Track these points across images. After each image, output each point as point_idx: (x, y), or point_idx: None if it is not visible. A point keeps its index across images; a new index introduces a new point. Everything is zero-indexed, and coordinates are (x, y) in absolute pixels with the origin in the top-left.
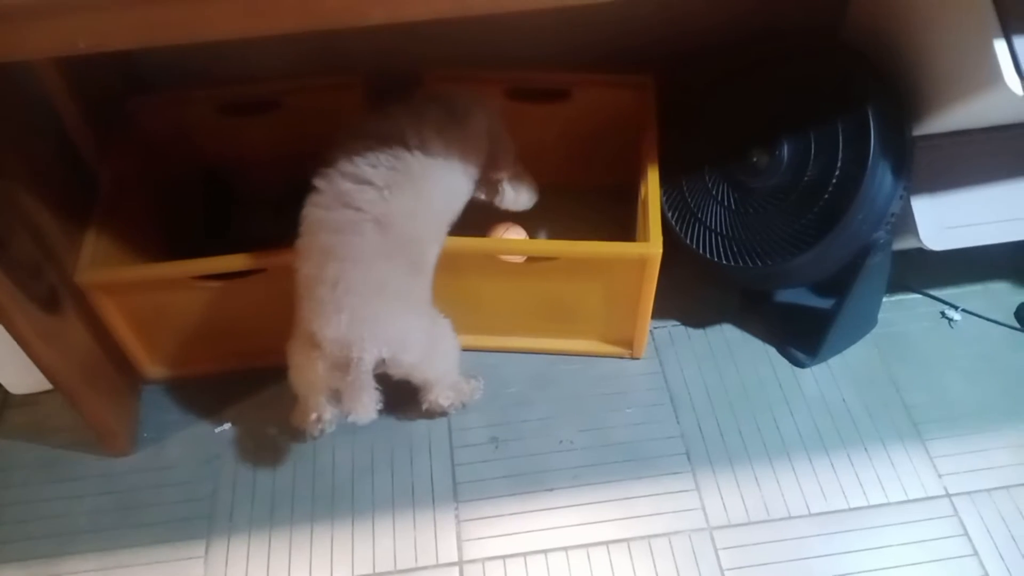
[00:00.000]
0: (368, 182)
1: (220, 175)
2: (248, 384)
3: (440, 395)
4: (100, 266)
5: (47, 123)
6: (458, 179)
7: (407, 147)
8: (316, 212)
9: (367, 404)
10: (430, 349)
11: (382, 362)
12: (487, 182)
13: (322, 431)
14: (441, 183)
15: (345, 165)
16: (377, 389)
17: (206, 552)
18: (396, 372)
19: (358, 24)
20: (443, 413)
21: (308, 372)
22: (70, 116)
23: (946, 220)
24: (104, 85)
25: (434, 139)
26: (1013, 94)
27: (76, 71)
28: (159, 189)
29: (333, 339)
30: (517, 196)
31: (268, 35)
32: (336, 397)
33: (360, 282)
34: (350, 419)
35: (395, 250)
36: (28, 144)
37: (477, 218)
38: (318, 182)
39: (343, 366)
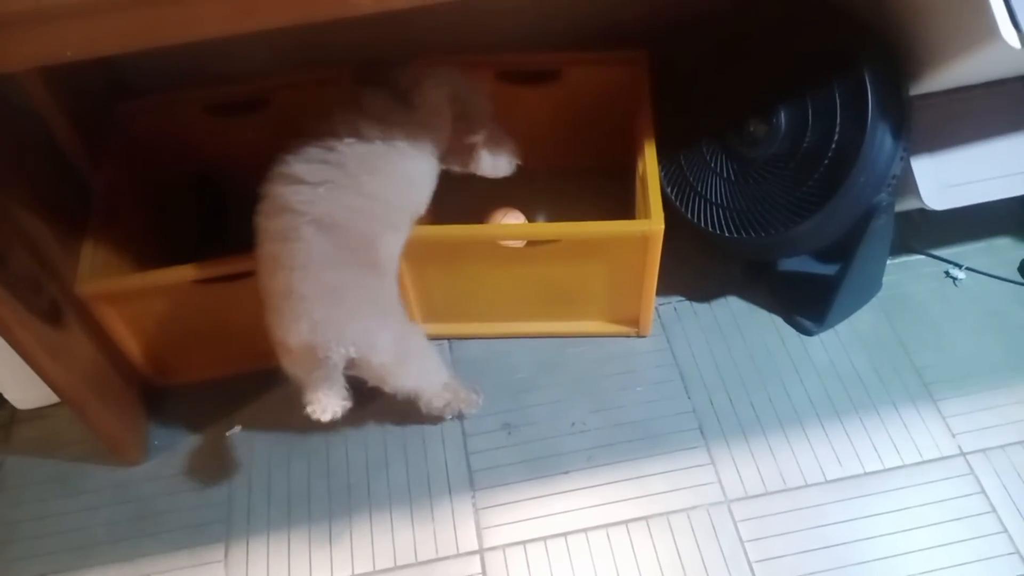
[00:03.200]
0: (300, 180)
1: (213, 176)
2: (256, 386)
3: (434, 398)
4: (100, 276)
5: (36, 134)
6: (410, 164)
7: (339, 139)
8: (260, 221)
9: (327, 400)
10: (403, 354)
11: (352, 362)
12: (460, 150)
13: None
14: (387, 172)
15: (281, 167)
16: (345, 388)
17: (225, 556)
18: (370, 377)
19: (349, 15)
20: (440, 417)
21: (292, 372)
22: (58, 126)
23: (947, 179)
24: (89, 93)
25: (371, 126)
26: (1010, 48)
27: (61, 80)
28: (152, 194)
29: (298, 346)
30: (496, 161)
31: (257, 31)
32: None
33: (312, 288)
34: (309, 413)
35: (343, 251)
36: (19, 157)
37: (474, 205)
38: (262, 188)
39: (314, 364)
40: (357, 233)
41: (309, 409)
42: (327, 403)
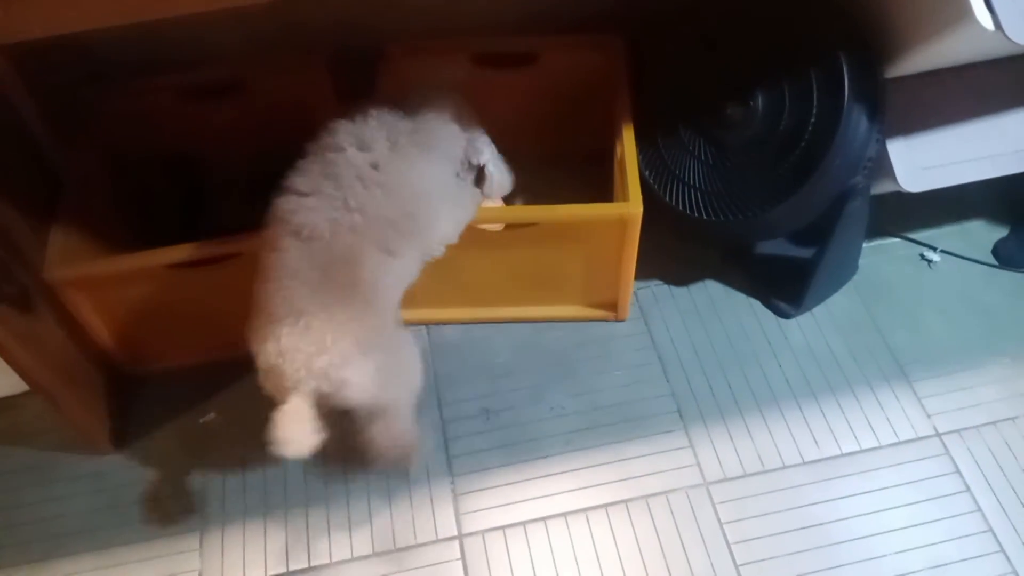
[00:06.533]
0: (293, 190)
1: (186, 162)
2: (230, 372)
3: (379, 433)
4: (69, 262)
5: (5, 120)
6: (416, 174)
7: (339, 150)
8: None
9: (291, 435)
10: (384, 387)
11: (323, 397)
12: (467, 172)
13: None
14: (385, 184)
15: (284, 180)
16: (317, 422)
17: (200, 544)
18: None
19: None
20: (368, 462)
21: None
22: (28, 111)
23: (922, 161)
24: (61, 77)
25: (375, 135)
26: (984, 30)
27: (30, 63)
28: (125, 180)
29: (265, 368)
30: (503, 178)
31: (230, 8)
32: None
33: (282, 308)
34: (271, 448)
35: (318, 270)
36: None
37: None
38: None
39: (283, 391)
40: (337, 248)
41: (272, 444)
42: (291, 438)
